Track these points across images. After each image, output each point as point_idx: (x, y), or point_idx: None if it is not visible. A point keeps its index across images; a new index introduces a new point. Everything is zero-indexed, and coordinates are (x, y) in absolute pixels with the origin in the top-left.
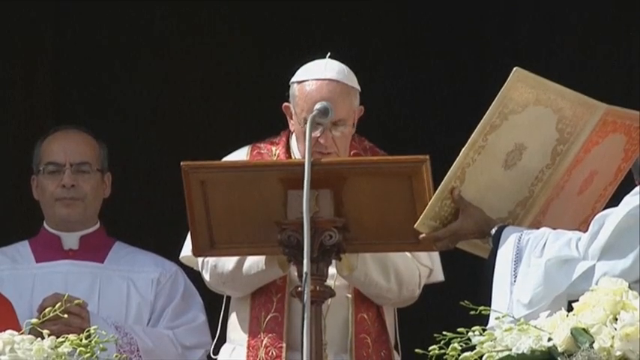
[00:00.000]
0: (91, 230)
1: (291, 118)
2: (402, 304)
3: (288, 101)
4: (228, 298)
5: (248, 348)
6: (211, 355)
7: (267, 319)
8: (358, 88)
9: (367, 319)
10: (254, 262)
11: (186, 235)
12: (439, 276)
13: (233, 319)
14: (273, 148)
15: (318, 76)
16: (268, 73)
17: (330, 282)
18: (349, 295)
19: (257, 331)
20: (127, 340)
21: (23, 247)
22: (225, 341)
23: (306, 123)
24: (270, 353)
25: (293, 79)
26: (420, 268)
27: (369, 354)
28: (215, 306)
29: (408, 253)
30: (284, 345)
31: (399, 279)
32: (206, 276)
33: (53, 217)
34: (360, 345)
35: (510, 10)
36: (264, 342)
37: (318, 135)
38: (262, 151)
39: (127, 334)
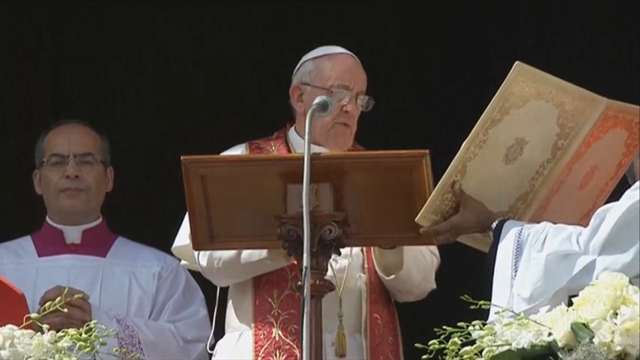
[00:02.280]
0: (93, 224)
1: (299, 101)
2: (418, 298)
3: (290, 98)
4: (222, 291)
5: (256, 328)
6: (207, 350)
7: (281, 297)
8: None
9: (379, 300)
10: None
11: (178, 228)
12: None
13: (233, 307)
14: (272, 143)
15: (335, 51)
16: (269, 72)
17: (344, 261)
18: (363, 275)
19: (268, 310)
20: (128, 333)
21: (26, 242)
22: (222, 335)
23: (330, 92)
24: (289, 329)
25: (305, 58)
26: (433, 258)
27: (381, 334)
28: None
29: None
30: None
31: (424, 272)
32: (202, 261)
33: (57, 209)
34: (373, 324)
35: (510, 9)
36: (279, 319)
37: (345, 103)
38: (261, 146)
39: (128, 327)
